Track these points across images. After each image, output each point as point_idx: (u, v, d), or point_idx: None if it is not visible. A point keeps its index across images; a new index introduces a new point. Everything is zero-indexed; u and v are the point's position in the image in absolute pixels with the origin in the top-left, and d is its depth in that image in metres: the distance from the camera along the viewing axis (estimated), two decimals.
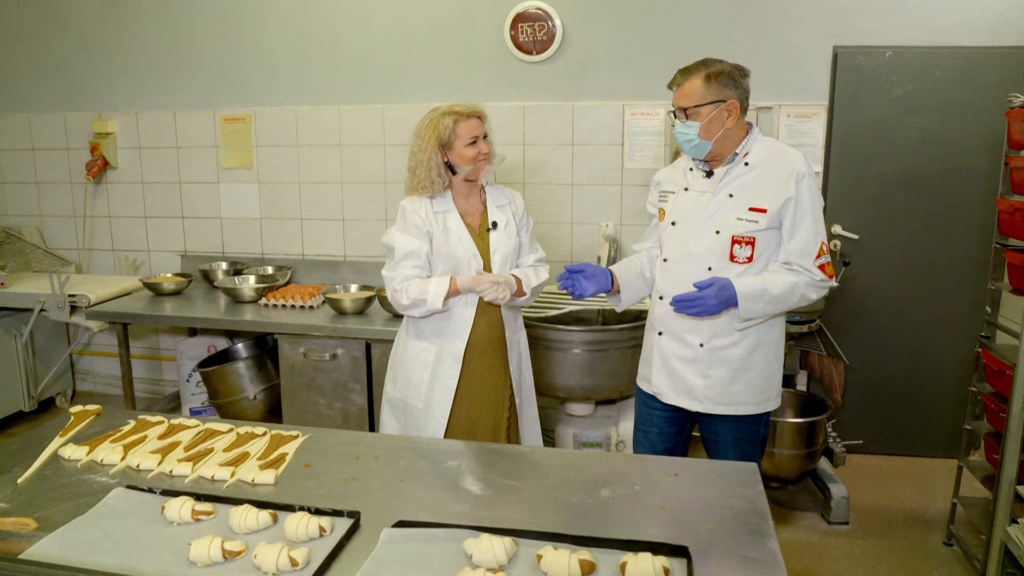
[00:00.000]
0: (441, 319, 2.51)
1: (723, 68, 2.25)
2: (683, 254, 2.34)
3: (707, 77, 2.23)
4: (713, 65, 2.26)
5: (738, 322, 2.26)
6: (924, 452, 3.92)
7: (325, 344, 3.51)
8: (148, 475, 1.88)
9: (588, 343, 3.26)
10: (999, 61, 3.52)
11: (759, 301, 2.20)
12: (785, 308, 2.26)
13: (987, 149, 3.59)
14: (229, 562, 1.49)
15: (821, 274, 2.24)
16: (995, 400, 2.90)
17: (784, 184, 2.22)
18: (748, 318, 2.24)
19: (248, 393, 3.79)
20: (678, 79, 2.30)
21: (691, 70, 2.27)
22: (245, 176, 4.26)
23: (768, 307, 2.22)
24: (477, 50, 3.94)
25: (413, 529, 1.57)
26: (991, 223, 3.65)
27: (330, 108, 4.11)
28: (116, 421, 2.23)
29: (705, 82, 2.23)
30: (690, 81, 2.26)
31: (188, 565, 1.49)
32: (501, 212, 2.58)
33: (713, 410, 2.36)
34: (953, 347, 3.80)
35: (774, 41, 3.66)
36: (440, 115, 2.45)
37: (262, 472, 1.87)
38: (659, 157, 3.88)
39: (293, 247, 4.30)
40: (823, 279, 2.23)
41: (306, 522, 1.56)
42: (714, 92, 2.23)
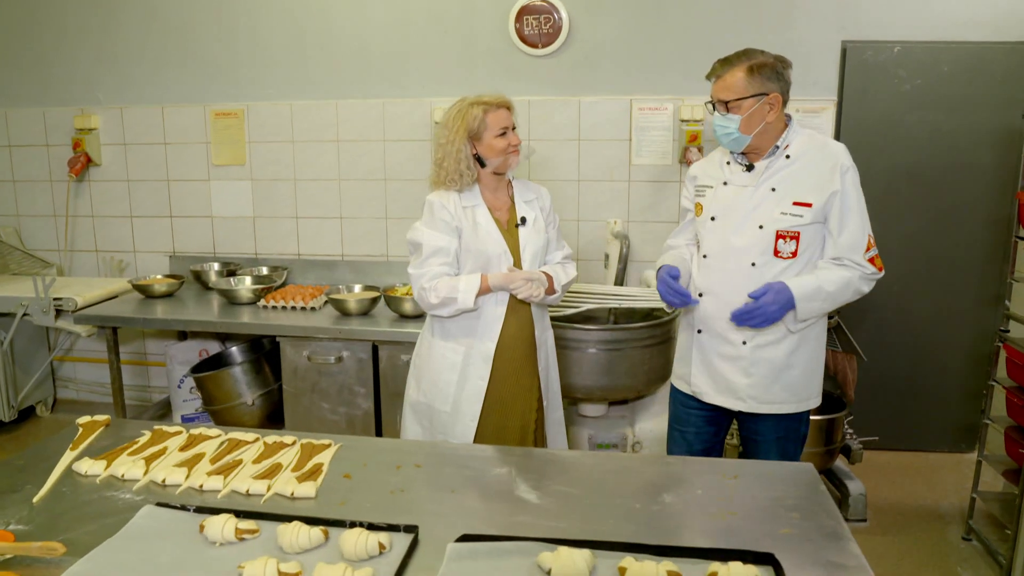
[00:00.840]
0: (470, 318, 2.41)
1: (766, 60, 2.18)
2: (724, 250, 2.26)
3: (750, 69, 2.16)
4: (755, 56, 2.18)
5: (794, 324, 2.20)
6: (931, 447, 3.92)
7: (330, 346, 3.38)
8: (176, 491, 1.76)
9: (606, 342, 3.19)
10: (1004, 56, 3.53)
11: (815, 300, 2.14)
12: (839, 304, 2.21)
13: (993, 144, 3.60)
14: None
15: (872, 267, 2.19)
16: (1017, 394, 2.89)
17: (829, 177, 2.16)
18: (805, 318, 2.18)
19: (246, 398, 3.64)
20: (718, 70, 2.22)
21: (732, 61, 2.19)
22: (237, 173, 4.10)
23: (824, 305, 2.16)
24: (480, 43, 3.84)
25: (480, 544, 1.47)
26: (998, 218, 3.69)
27: (327, 103, 3.97)
28: (128, 432, 2.10)
29: (748, 75, 2.16)
30: (731, 73, 2.18)
31: None
32: (529, 207, 2.49)
33: (756, 409, 2.29)
34: (959, 342, 3.81)
35: (782, 35, 3.62)
36: (469, 105, 2.35)
37: (301, 485, 1.75)
38: (667, 153, 3.82)
39: (288, 247, 4.15)
40: (874, 272, 2.18)
41: (364, 539, 1.46)
42: (757, 85, 2.16)
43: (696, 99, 3.72)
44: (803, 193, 2.18)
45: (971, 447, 3.90)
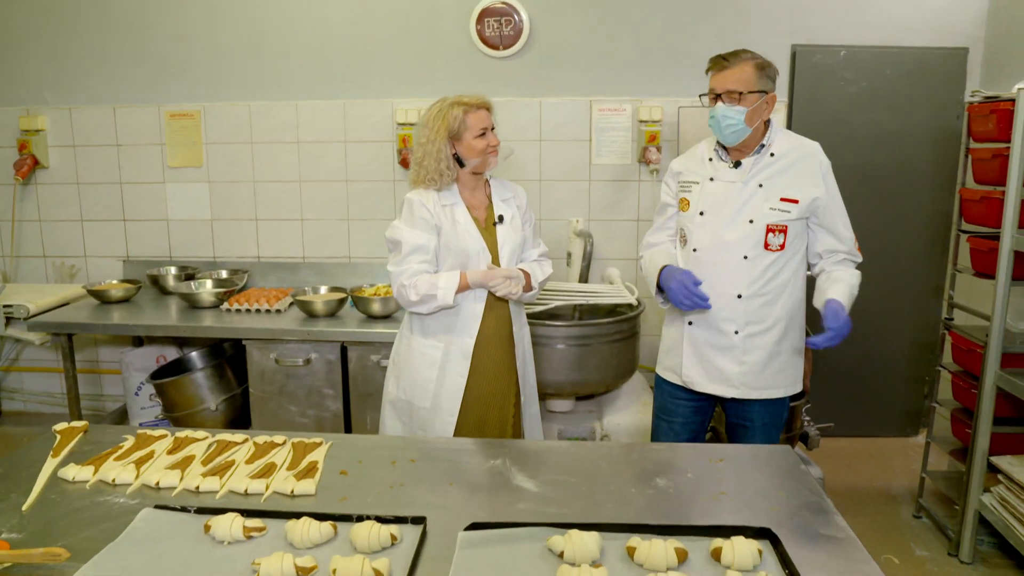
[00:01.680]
0: (449, 315, 2.44)
1: (768, 62, 2.31)
2: (716, 243, 2.35)
3: (758, 66, 2.28)
4: (759, 57, 2.30)
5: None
6: (880, 432, 4.11)
7: (297, 348, 3.35)
8: (172, 493, 1.74)
9: (576, 337, 3.25)
10: (942, 61, 3.74)
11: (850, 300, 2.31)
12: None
13: (933, 143, 3.80)
14: None
15: (859, 254, 2.39)
16: (963, 378, 3.07)
17: (814, 177, 2.31)
18: None
19: (209, 404, 3.58)
20: (724, 62, 2.29)
21: (740, 56, 2.28)
22: (194, 175, 4.02)
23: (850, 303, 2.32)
24: (442, 44, 3.86)
25: (490, 531, 1.51)
26: (937, 212, 3.90)
27: (287, 103, 3.93)
28: (108, 437, 2.06)
29: (757, 71, 2.27)
30: (741, 67, 2.26)
31: None
32: (506, 206, 2.53)
33: (748, 395, 2.40)
34: (903, 331, 4.01)
35: (736, 38, 3.71)
36: (449, 105, 2.38)
37: (300, 482, 1.76)
38: (627, 153, 3.91)
39: (248, 249, 4.09)
40: (858, 258, 2.39)
41: (377, 531, 1.48)
42: (762, 82, 2.28)
43: (654, 100, 3.82)
44: (789, 190, 2.30)
45: (915, 431, 4.11)
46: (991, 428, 2.82)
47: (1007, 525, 2.72)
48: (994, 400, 2.80)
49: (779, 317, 2.37)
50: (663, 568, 1.39)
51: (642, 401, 3.59)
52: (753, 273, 2.32)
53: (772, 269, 2.32)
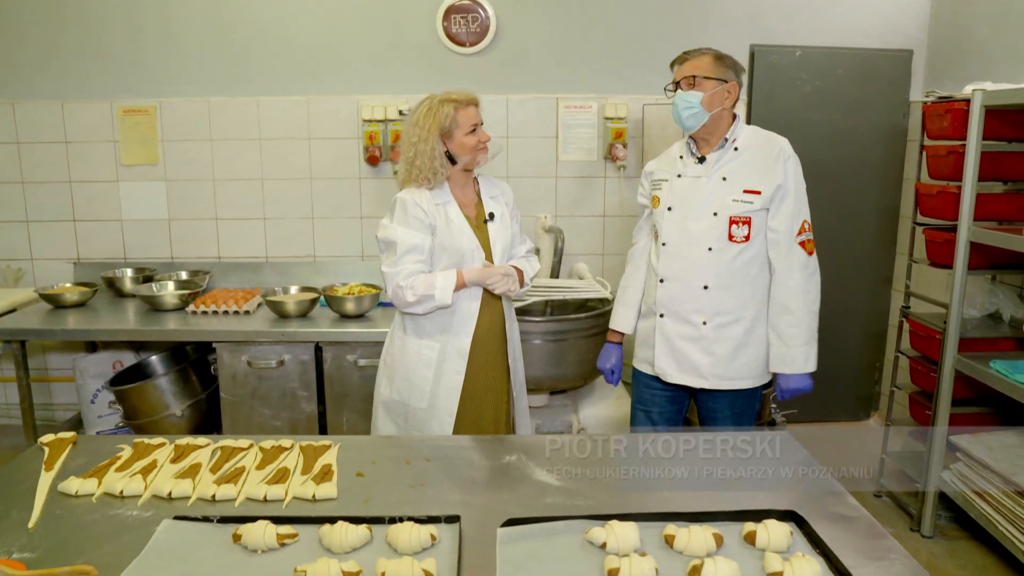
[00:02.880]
0: (444, 315, 2.43)
1: (729, 56, 2.42)
2: (683, 237, 2.43)
3: (716, 57, 2.40)
4: (720, 51, 2.42)
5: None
6: (834, 417, 4.30)
7: (270, 350, 3.28)
8: (187, 503, 1.69)
9: (554, 332, 3.29)
10: (889, 62, 3.93)
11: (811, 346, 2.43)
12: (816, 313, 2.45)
13: (881, 140, 3.99)
14: None
15: (802, 252, 2.40)
16: (921, 363, 3.24)
17: (774, 166, 2.38)
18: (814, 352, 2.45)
19: (174, 410, 3.46)
20: (685, 56, 2.43)
21: (701, 49, 2.42)
22: (150, 174, 3.87)
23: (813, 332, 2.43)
24: (408, 40, 3.83)
25: (528, 526, 1.52)
26: (886, 206, 4.09)
27: (248, 99, 3.82)
28: (101, 448, 1.98)
29: (715, 60, 2.39)
30: (700, 57, 2.40)
31: None
32: (496, 203, 2.54)
33: (718, 386, 2.47)
34: (856, 320, 4.20)
35: (698, 38, 3.81)
36: (439, 103, 2.37)
37: (320, 486, 1.73)
38: (593, 149, 3.97)
39: (208, 250, 3.96)
40: (805, 258, 2.39)
41: (418, 532, 1.47)
42: (721, 71, 2.37)
43: (619, 98, 3.89)
44: (752, 181, 2.38)
45: (867, 415, 4.31)
46: (950, 409, 2.99)
47: (967, 500, 2.89)
48: (952, 383, 2.97)
49: (747, 308, 2.45)
50: (703, 554, 1.43)
51: (616, 394, 3.66)
52: (719, 265, 2.40)
53: (738, 261, 2.41)
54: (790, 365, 2.44)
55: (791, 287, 2.40)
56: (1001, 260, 3.01)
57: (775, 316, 2.44)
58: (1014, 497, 2.67)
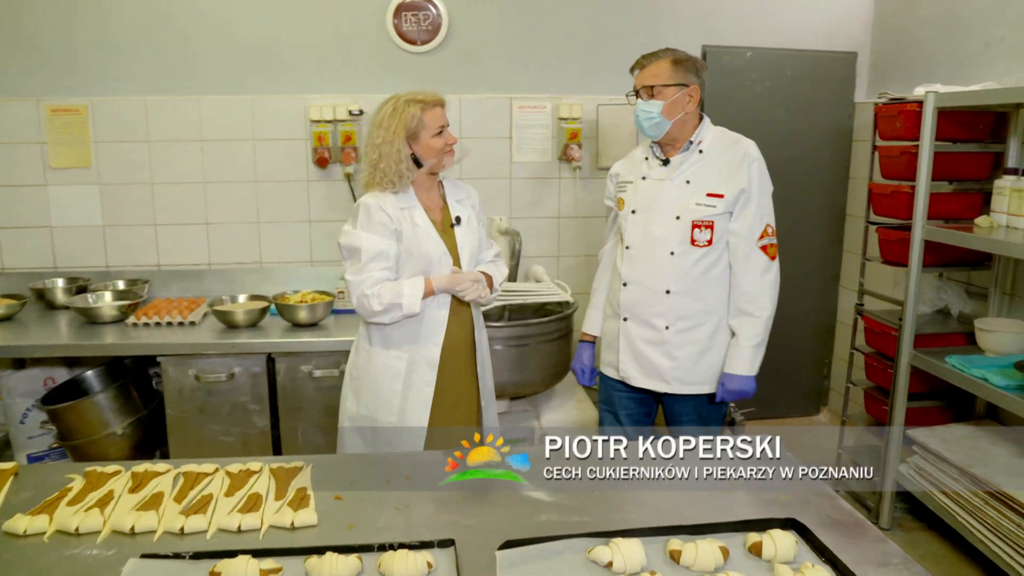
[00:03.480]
0: (411, 323, 2.33)
1: (687, 56, 2.38)
2: (645, 240, 2.41)
3: (674, 61, 2.35)
4: (678, 52, 2.38)
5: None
6: (786, 413, 4.37)
7: (220, 363, 3.11)
8: (152, 538, 1.55)
9: (517, 338, 3.22)
10: (834, 64, 4.01)
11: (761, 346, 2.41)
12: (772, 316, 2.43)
13: (829, 140, 4.08)
14: None
15: (763, 256, 2.39)
16: (877, 359, 3.31)
17: (739, 170, 2.36)
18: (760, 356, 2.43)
19: (114, 428, 3.25)
20: (643, 62, 2.40)
21: (658, 54, 2.38)
22: (82, 177, 3.62)
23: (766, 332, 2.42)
24: (358, 38, 3.70)
25: (527, 548, 1.45)
26: (834, 205, 4.18)
27: (188, 98, 3.62)
28: (47, 479, 1.82)
29: (672, 65, 2.34)
30: (657, 63, 2.35)
31: None
32: (462, 206, 2.45)
33: (680, 390, 2.46)
34: (804, 318, 4.27)
35: (651, 38, 3.81)
36: (405, 103, 2.27)
37: (299, 513, 1.63)
38: (547, 150, 3.92)
39: (146, 257, 3.74)
40: (766, 262, 2.37)
41: (414, 559, 1.39)
42: (680, 76, 2.34)
43: (573, 98, 3.85)
44: (715, 185, 2.36)
45: (817, 410, 4.40)
46: (906, 403, 3.06)
47: (925, 492, 2.96)
48: (908, 378, 3.04)
49: (709, 313, 2.43)
50: (712, 568, 1.39)
51: (576, 398, 3.62)
52: (681, 269, 2.38)
53: (700, 265, 2.39)
54: (737, 366, 2.42)
55: (748, 290, 2.39)
56: (950, 258, 3.10)
57: (732, 318, 2.43)
58: (972, 488, 2.75)
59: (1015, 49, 3.06)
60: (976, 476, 2.75)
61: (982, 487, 2.71)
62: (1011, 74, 3.05)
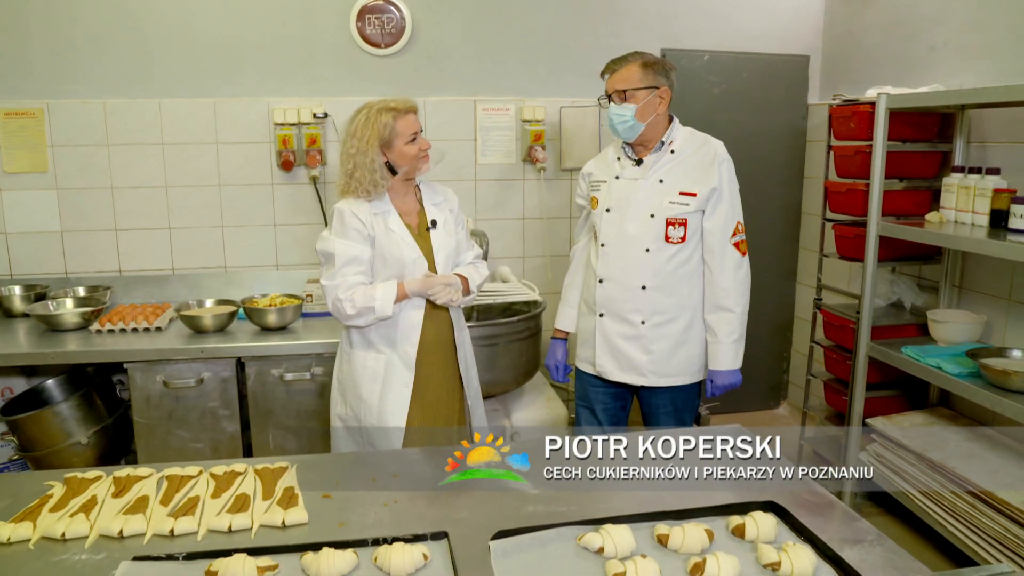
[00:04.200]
0: (387, 325, 2.35)
1: (657, 59, 2.45)
2: (620, 238, 2.48)
3: (644, 64, 2.42)
4: (648, 56, 2.45)
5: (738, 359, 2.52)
6: (747, 407, 4.48)
7: (188, 368, 3.07)
8: (142, 541, 1.54)
9: (488, 337, 3.24)
10: (788, 67, 4.15)
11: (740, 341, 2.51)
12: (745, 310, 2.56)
13: (783, 141, 4.21)
14: None
15: (736, 252, 2.49)
16: (836, 351, 3.43)
17: (709, 169, 2.45)
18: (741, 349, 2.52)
19: (78, 437, 3.18)
20: (613, 66, 2.46)
21: (628, 58, 2.45)
22: (38, 182, 3.54)
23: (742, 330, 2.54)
24: (321, 41, 3.69)
25: (520, 537, 1.49)
26: (789, 203, 4.31)
27: (148, 101, 3.57)
28: (23, 488, 1.79)
29: (642, 69, 2.41)
30: (628, 68, 2.42)
31: None
32: (438, 210, 2.48)
33: (656, 383, 2.53)
34: (762, 314, 4.38)
35: (611, 41, 3.92)
36: (377, 112, 2.29)
37: (289, 512, 1.63)
38: (511, 152, 3.96)
39: (107, 263, 3.67)
40: (738, 259, 2.50)
41: (411, 552, 1.41)
42: (650, 79, 2.40)
43: (537, 100, 3.90)
44: (688, 184, 2.45)
45: (777, 403, 4.53)
46: (865, 394, 3.18)
47: (885, 478, 3.08)
48: (867, 369, 3.16)
49: (684, 307, 2.52)
50: (698, 550, 1.45)
51: (546, 396, 3.67)
52: (655, 265, 2.47)
53: (674, 262, 2.48)
54: (721, 362, 2.51)
55: (725, 287, 2.49)
56: (902, 252, 3.23)
57: (709, 314, 2.52)
58: (928, 473, 2.87)
59: (958, 53, 3.21)
60: (932, 460, 2.87)
61: (938, 471, 2.84)
62: (955, 76, 3.20)
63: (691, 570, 1.38)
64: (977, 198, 2.82)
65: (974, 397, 2.64)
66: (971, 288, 3.18)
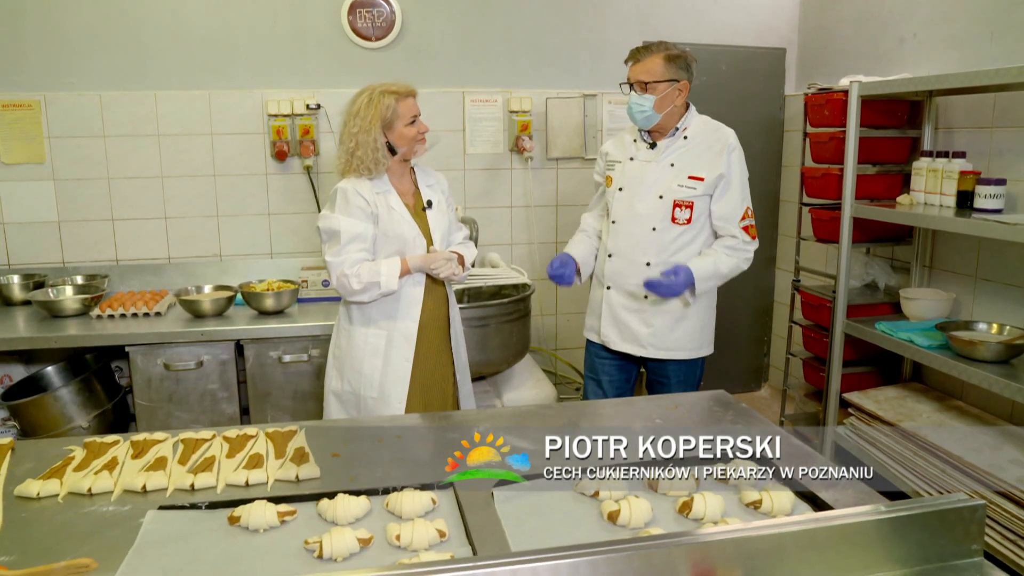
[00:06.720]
0: (389, 301, 2.46)
1: (680, 52, 2.56)
2: (630, 216, 2.60)
3: (667, 58, 2.53)
4: (671, 48, 2.55)
5: (691, 298, 2.59)
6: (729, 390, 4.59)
7: (188, 351, 3.16)
8: (165, 494, 1.64)
9: (480, 318, 3.36)
10: (765, 59, 4.29)
11: (711, 280, 2.57)
12: (725, 281, 2.65)
13: (762, 131, 4.35)
14: (365, 550, 1.41)
15: (746, 235, 2.61)
16: (814, 330, 3.57)
17: (719, 157, 2.57)
18: (700, 293, 2.58)
19: (79, 422, 3.26)
20: (637, 56, 2.56)
21: (652, 49, 2.55)
22: (35, 173, 3.60)
23: (717, 283, 2.61)
24: (313, 34, 3.78)
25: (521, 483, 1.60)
26: (768, 191, 4.46)
27: (144, 93, 3.64)
28: (45, 452, 1.88)
29: (665, 62, 2.52)
30: (651, 59, 2.52)
31: (324, 563, 1.37)
32: (432, 191, 2.59)
33: (655, 355, 2.66)
34: (743, 298, 4.54)
35: (594, 34, 4.05)
36: (380, 94, 2.39)
37: (302, 467, 1.73)
38: (499, 142, 4.08)
39: (104, 252, 3.74)
40: (747, 241, 2.61)
41: (420, 497, 1.52)
42: (672, 72, 2.52)
43: (523, 91, 4.02)
44: (697, 168, 2.57)
45: (759, 385, 4.68)
46: (841, 370, 3.33)
47: (862, 449, 3.23)
48: (843, 346, 3.30)
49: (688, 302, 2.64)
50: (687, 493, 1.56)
51: (536, 378, 3.78)
52: (661, 243, 2.59)
53: (679, 241, 2.60)
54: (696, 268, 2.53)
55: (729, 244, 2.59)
56: (875, 234, 3.38)
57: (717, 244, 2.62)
58: (902, 442, 3.02)
59: (926, 44, 3.37)
60: (905, 430, 3.02)
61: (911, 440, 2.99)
62: (923, 67, 3.35)
63: (680, 508, 1.50)
64: (945, 180, 2.97)
65: (943, 367, 2.78)
66: (941, 267, 3.33)
